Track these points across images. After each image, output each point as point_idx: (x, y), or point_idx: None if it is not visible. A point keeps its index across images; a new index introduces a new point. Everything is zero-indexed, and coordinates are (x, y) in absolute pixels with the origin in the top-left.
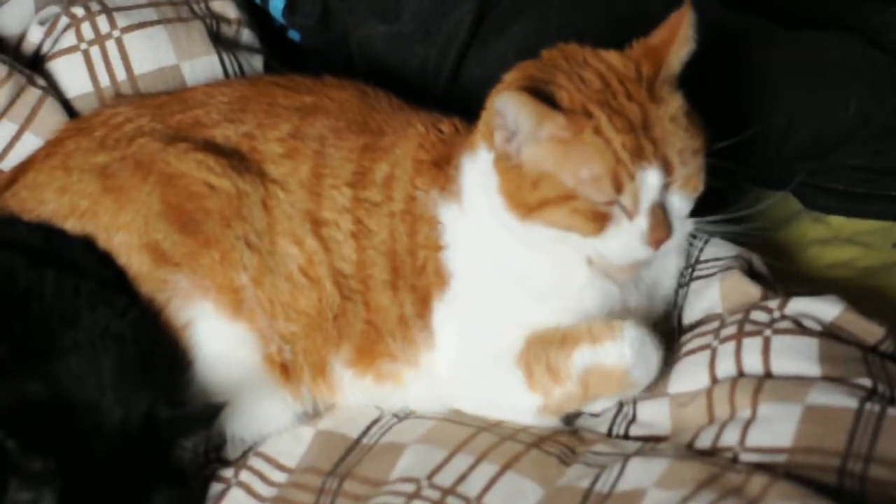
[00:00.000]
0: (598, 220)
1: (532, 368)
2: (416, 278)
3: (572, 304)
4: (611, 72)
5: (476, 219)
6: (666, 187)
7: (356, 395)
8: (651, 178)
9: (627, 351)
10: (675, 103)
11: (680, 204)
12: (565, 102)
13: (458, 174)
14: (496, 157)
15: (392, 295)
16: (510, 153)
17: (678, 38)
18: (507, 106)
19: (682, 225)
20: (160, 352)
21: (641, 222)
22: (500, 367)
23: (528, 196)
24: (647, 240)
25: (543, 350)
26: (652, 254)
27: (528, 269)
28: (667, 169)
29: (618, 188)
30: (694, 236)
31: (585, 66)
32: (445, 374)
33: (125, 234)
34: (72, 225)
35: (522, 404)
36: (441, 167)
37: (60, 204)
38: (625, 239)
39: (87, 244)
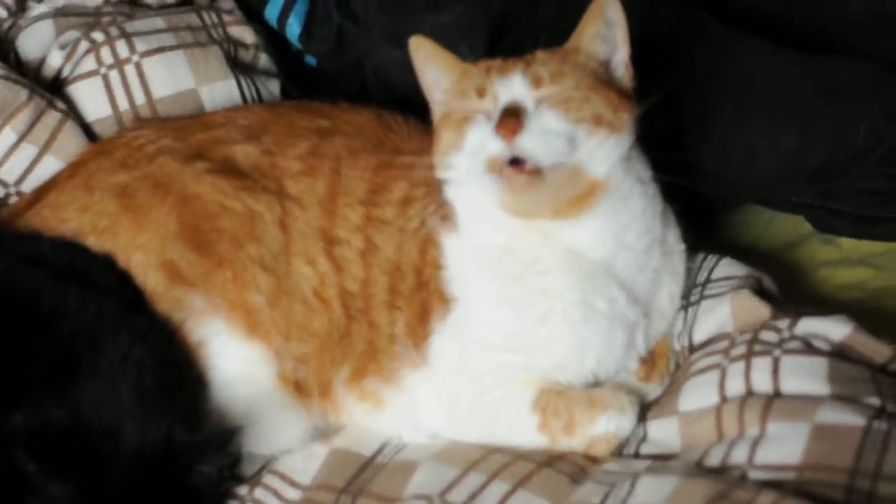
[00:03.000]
0: (461, 124)
1: (549, 419)
2: (417, 293)
3: (559, 313)
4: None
5: (466, 241)
6: (538, 103)
7: (350, 414)
8: (513, 83)
9: (627, 423)
10: (575, 57)
11: (549, 115)
12: None
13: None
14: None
15: (388, 314)
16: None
17: (585, 18)
18: (421, 51)
19: (550, 138)
20: (177, 374)
21: (495, 116)
22: (509, 408)
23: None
24: (496, 126)
25: (568, 409)
26: (504, 146)
27: (507, 267)
28: (534, 80)
29: (480, 93)
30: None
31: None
32: (428, 396)
33: (143, 253)
34: (92, 243)
35: (525, 441)
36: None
37: (81, 222)
38: (479, 133)
39: (107, 262)
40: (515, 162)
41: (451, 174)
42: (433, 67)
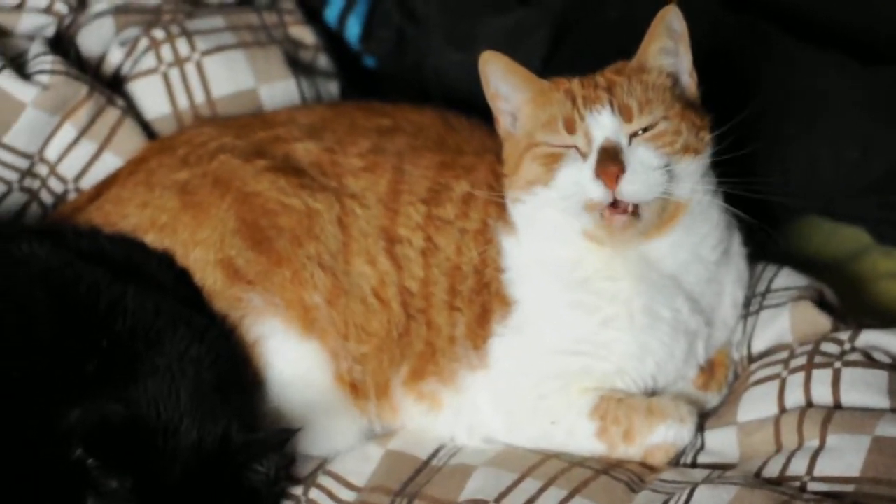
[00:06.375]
0: (552, 161)
1: (608, 426)
2: (477, 295)
3: (621, 321)
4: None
5: (530, 248)
6: (631, 137)
7: (407, 415)
8: (604, 119)
9: (686, 433)
10: (649, 77)
11: (646, 154)
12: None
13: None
14: (505, 142)
15: (447, 315)
16: (513, 132)
17: (650, 34)
18: (493, 66)
19: (649, 176)
20: (235, 373)
21: (592, 159)
22: (569, 413)
23: (512, 159)
24: (596, 171)
25: (627, 416)
26: (606, 192)
27: (573, 277)
28: (624, 114)
29: (569, 128)
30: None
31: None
32: (486, 398)
33: (202, 249)
34: (152, 239)
35: (583, 447)
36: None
37: (142, 218)
38: (576, 175)
39: (165, 259)
40: (614, 203)
41: (531, 200)
42: (505, 83)
